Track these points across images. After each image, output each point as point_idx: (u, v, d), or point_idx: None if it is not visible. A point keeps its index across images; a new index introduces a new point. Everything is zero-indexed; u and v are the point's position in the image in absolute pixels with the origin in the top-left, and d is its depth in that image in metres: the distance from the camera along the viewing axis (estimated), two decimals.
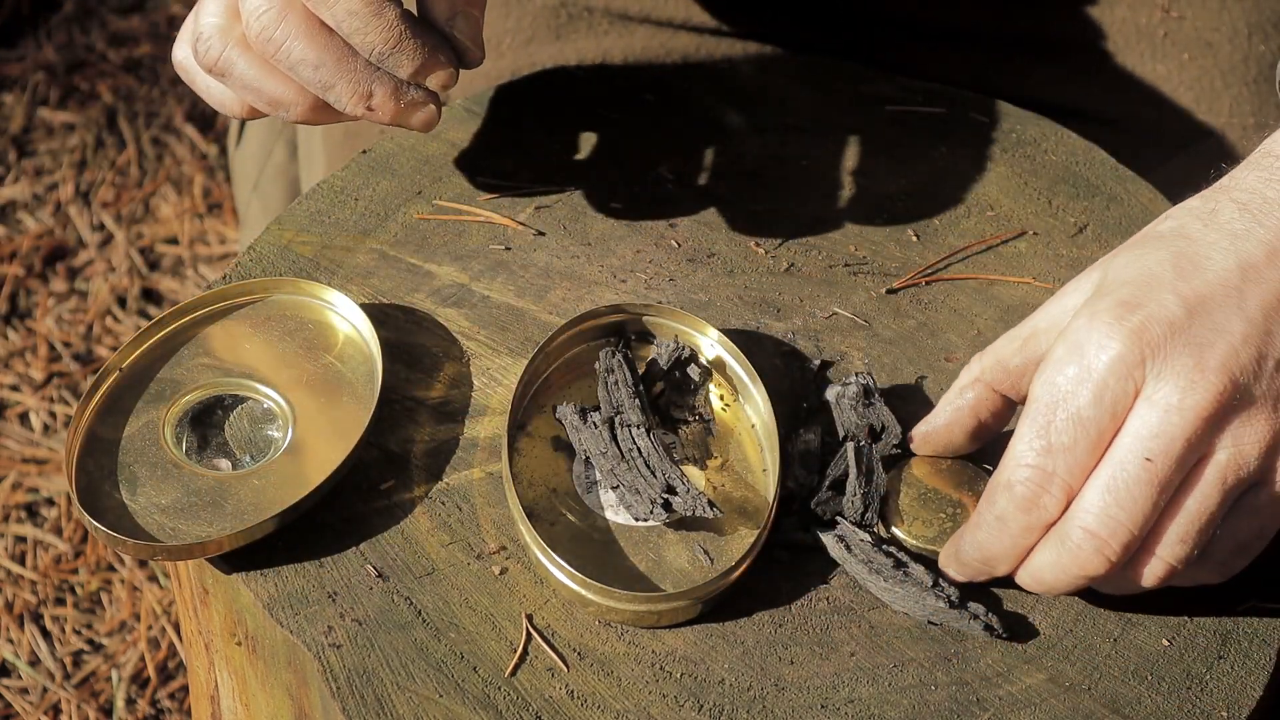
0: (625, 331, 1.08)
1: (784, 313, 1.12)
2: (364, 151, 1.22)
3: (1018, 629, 0.98)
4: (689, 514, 0.98)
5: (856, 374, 1.05)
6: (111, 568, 1.97)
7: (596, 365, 1.04)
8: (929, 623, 0.97)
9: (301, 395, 1.06)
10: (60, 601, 1.95)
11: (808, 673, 0.96)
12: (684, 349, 1.05)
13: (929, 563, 0.99)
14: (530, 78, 1.29)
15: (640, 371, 1.05)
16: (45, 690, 1.86)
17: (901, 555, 0.99)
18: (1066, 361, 0.91)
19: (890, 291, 1.14)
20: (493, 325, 1.11)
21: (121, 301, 2.24)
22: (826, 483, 1.01)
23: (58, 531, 2.00)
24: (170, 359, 1.07)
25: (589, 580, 0.96)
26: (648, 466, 0.99)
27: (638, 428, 1.01)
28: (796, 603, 0.99)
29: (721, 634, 0.97)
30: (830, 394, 1.05)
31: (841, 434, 1.03)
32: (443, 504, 1.02)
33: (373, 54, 1.02)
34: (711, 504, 0.98)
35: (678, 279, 1.14)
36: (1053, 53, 1.37)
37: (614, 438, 1.01)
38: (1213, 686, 0.96)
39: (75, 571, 1.97)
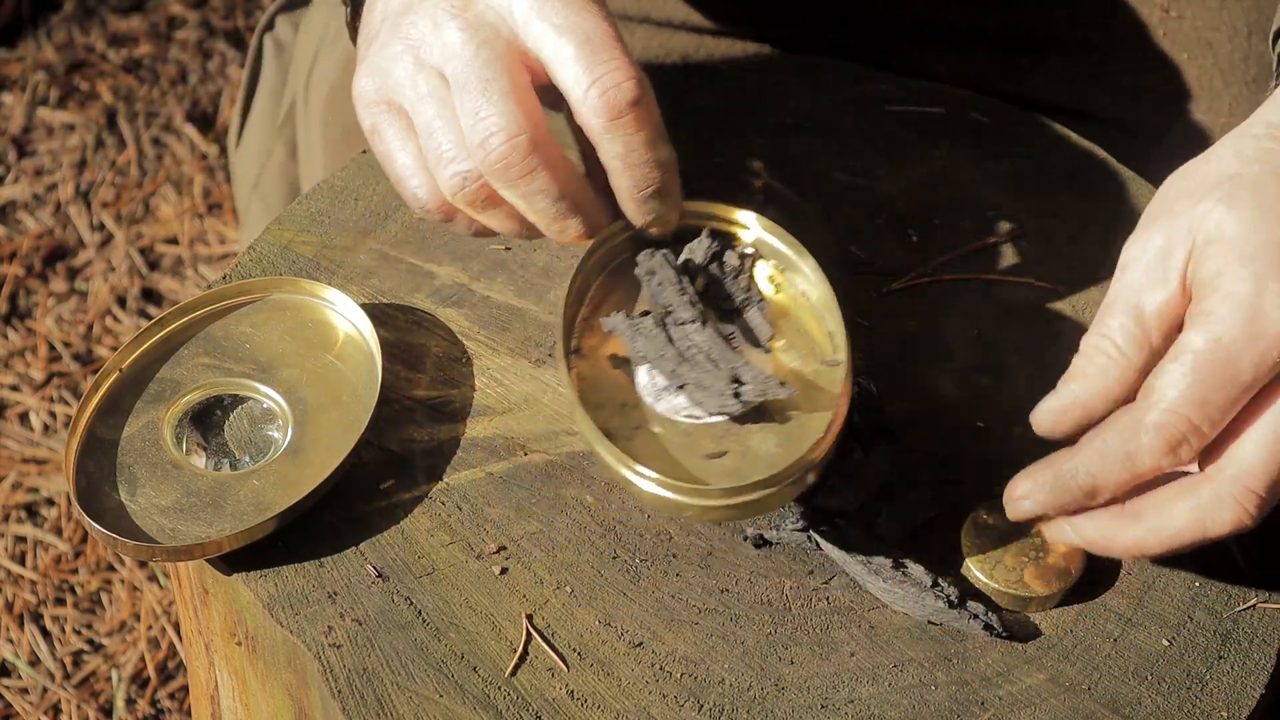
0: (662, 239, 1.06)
1: None
2: (364, 151, 1.22)
3: (1018, 629, 0.98)
4: (761, 399, 0.96)
5: (860, 377, 1.04)
6: (111, 568, 1.97)
7: (636, 270, 1.02)
8: (929, 623, 0.97)
9: (301, 395, 1.06)
10: (60, 601, 1.95)
11: (808, 673, 0.96)
12: (715, 241, 1.03)
13: (928, 562, 0.99)
14: None
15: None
16: (45, 690, 1.86)
17: (900, 555, 0.99)
18: (1232, 320, 0.90)
19: (890, 291, 1.14)
20: (493, 325, 1.11)
21: (121, 301, 2.24)
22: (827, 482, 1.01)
23: (58, 531, 2.00)
24: (170, 359, 1.07)
25: (682, 484, 0.94)
26: (710, 360, 0.98)
27: (691, 323, 0.99)
28: (796, 603, 0.99)
29: (721, 634, 0.97)
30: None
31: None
32: (443, 504, 1.02)
33: (643, 191, 0.98)
34: (782, 383, 0.96)
35: None
36: (1053, 53, 1.37)
37: (669, 338, 0.99)
38: (1213, 686, 0.96)
39: (75, 571, 1.97)
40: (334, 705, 0.94)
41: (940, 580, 0.98)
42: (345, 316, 1.09)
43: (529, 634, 0.97)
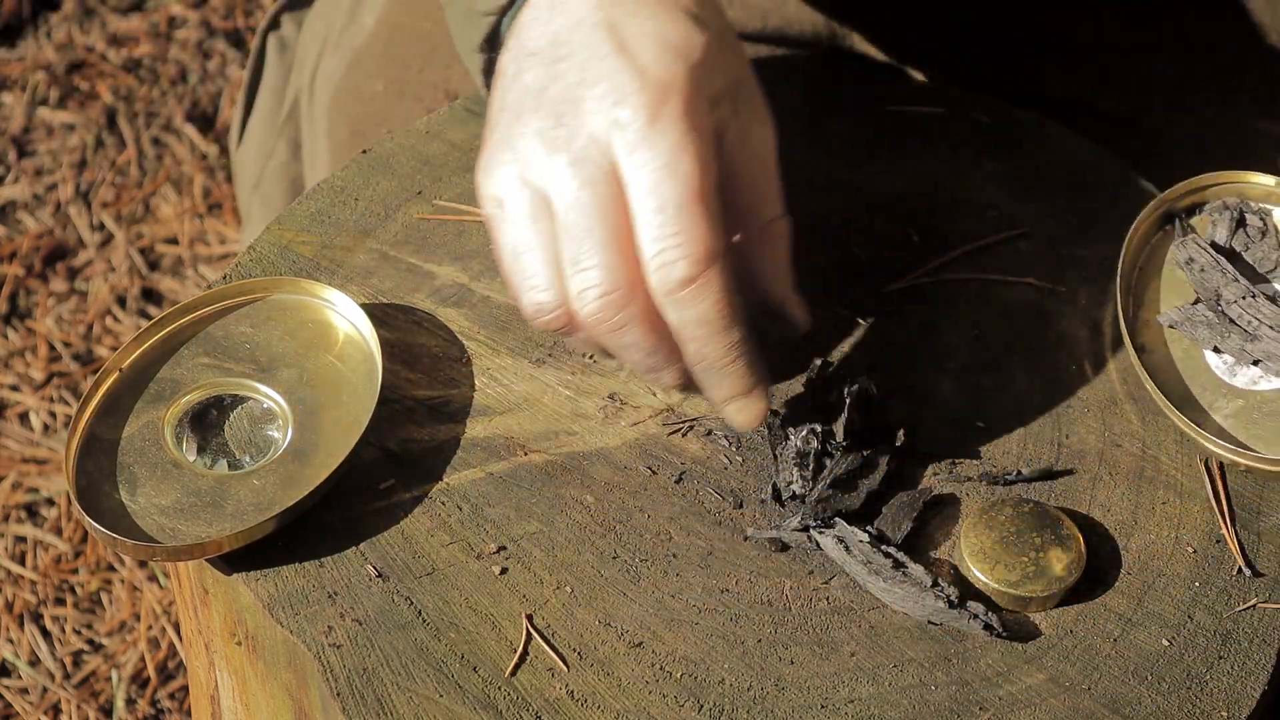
0: (1174, 213, 1.09)
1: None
2: (364, 151, 1.22)
3: (1018, 629, 0.98)
4: None
5: (859, 377, 1.05)
6: (111, 568, 1.97)
7: (1175, 261, 1.06)
8: (929, 623, 0.97)
9: (301, 395, 1.06)
10: (60, 601, 1.95)
11: (808, 673, 0.96)
12: (1233, 212, 1.06)
13: (928, 562, 0.99)
14: None
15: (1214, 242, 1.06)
16: (45, 690, 1.86)
17: (900, 555, 0.99)
18: None
19: (890, 291, 1.14)
20: (493, 325, 1.11)
21: (121, 301, 2.24)
22: (826, 482, 1.01)
23: (58, 531, 2.00)
24: (170, 359, 1.07)
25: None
26: (1274, 329, 1.02)
27: (1244, 299, 1.03)
28: (796, 603, 0.99)
29: (721, 634, 0.97)
30: (833, 395, 1.05)
31: (843, 435, 1.03)
32: (443, 504, 1.02)
33: (700, 365, 0.97)
34: None
35: None
36: (1054, 52, 1.37)
37: (1230, 319, 1.03)
38: (1213, 686, 0.96)
39: (75, 571, 1.97)
40: (334, 705, 0.94)
41: (940, 580, 0.98)
42: (345, 316, 1.09)
43: (529, 634, 0.97)
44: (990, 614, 0.97)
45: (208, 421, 1.05)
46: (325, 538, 1.01)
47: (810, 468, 1.02)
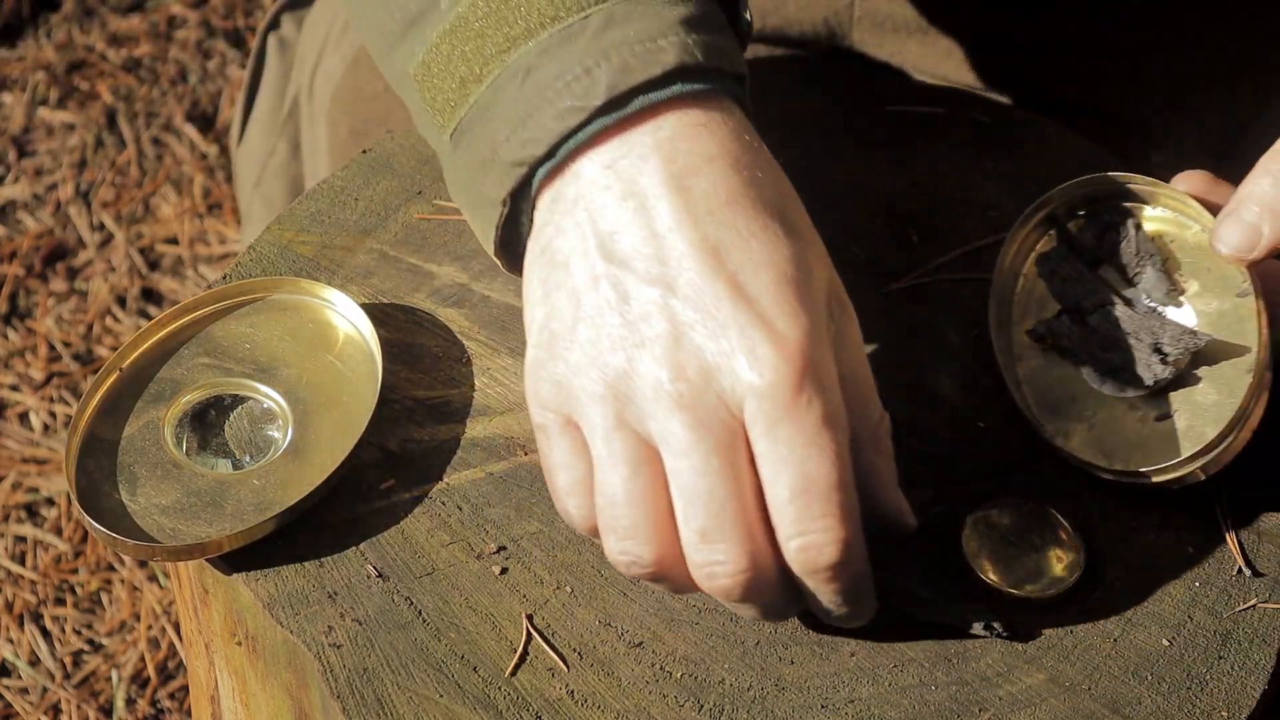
0: (1056, 219, 1.08)
1: None
2: (365, 151, 1.22)
3: (1017, 629, 0.98)
4: (1188, 353, 0.99)
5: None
6: (111, 568, 1.97)
7: (1040, 273, 1.07)
8: (929, 622, 0.97)
9: (301, 395, 1.06)
10: (60, 601, 1.95)
11: (808, 673, 0.96)
12: (1096, 218, 1.06)
13: (925, 564, 0.99)
14: None
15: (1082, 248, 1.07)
16: (45, 690, 1.86)
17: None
18: None
19: (890, 291, 1.14)
20: (493, 325, 1.11)
21: (121, 301, 2.24)
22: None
23: (58, 531, 2.00)
24: (170, 359, 1.08)
25: (1153, 468, 0.99)
26: (1130, 336, 1.01)
27: (1100, 308, 1.03)
28: None
29: (721, 634, 0.97)
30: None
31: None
32: (443, 504, 1.02)
33: (830, 617, 0.93)
34: (1194, 332, 0.99)
35: None
36: (1055, 52, 1.37)
37: (1090, 329, 1.03)
38: (1213, 686, 0.96)
39: (75, 571, 1.97)
40: (334, 705, 0.94)
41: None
42: (345, 316, 1.09)
43: (529, 634, 0.97)
44: (989, 617, 0.97)
45: (208, 421, 1.05)
46: (325, 538, 1.01)
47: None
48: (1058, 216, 1.08)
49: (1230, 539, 1.01)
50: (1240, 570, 1.00)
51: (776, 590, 0.91)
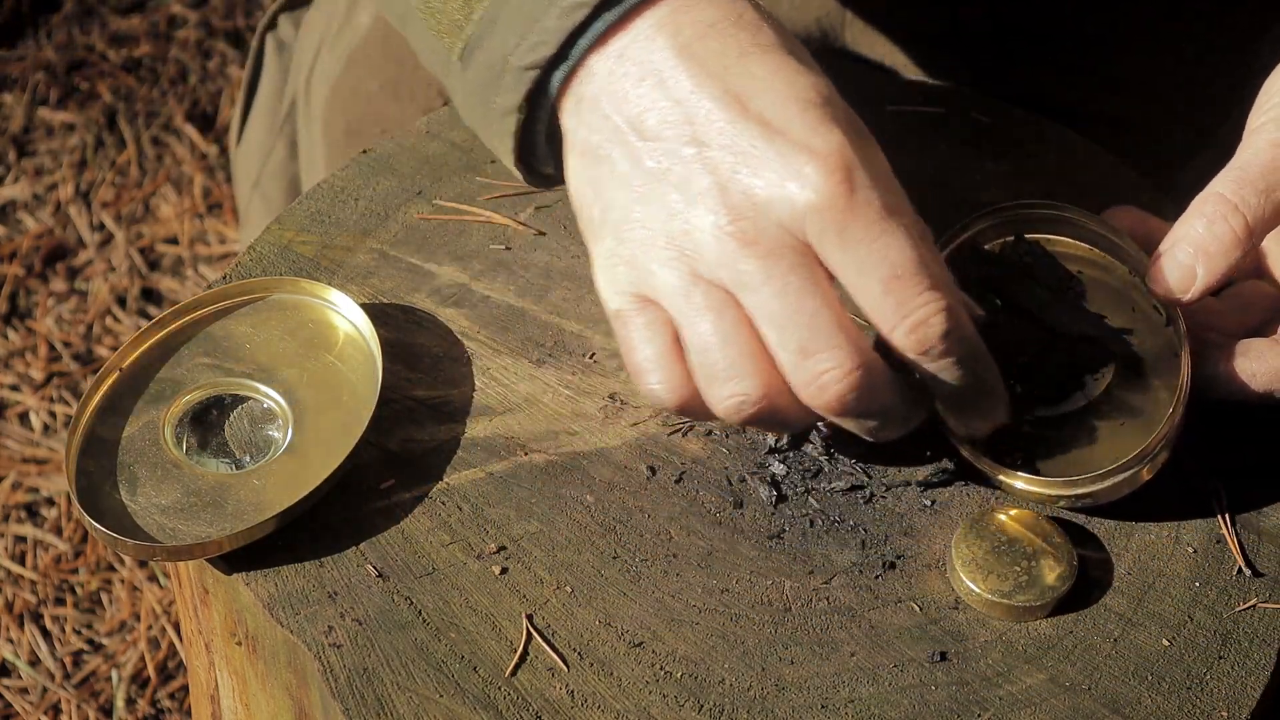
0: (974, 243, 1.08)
1: None
2: (364, 151, 1.22)
3: (1017, 628, 0.98)
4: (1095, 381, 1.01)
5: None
6: (111, 568, 1.97)
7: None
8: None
9: (301, 395, 1.06)
10: (60, 601, 1.95)
11: (808, 673, 0.96)
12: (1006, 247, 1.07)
13: (922, 568, 0.99)
14: None
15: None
16: (45, 690, 1.86)
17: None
18: None
19: None
20: (493, 325, 1.11)
21: (121, 301, 2.24)
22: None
23: (58, 531, 2.00)
24: (170, 359, 1.08)
25: (1051, 480, 0.99)
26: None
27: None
28: (796, 603, 0.99)
29: (721, 634, 0.97)
30: None
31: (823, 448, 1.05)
32: (443, 504, 1.02)
33: (972, 394, 0.96)
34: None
35: None
36: (1054, 52, 1.37)
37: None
38: (1213, 686, 0.96)
39: (75, 571, 1.97)
40: (334, 705, 0.94)
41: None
42: (345, 316, 1.09)
43: (529, 634, 0.97)
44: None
45: (208, 421, 1.05)
46: (325, 538, 1.01)
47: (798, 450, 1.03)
48: (975, 242, 1.08)
49: (1230, 539, 1.01)
50: (1240, 570, 1.00)
51: (892, 389, 0.92)
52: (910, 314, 0.90)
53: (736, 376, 0.92)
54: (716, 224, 0.91)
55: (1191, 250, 0.98)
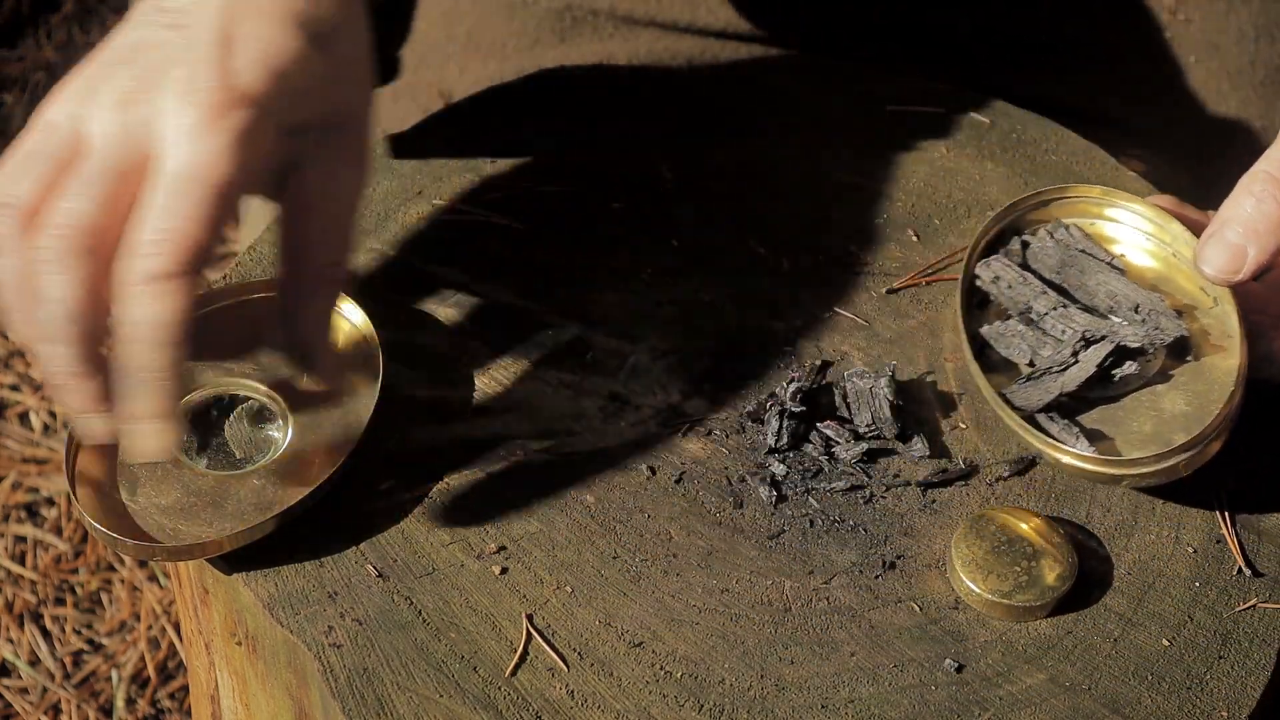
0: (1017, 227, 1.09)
1: (784, 313, 1.12)
2: None
3: (1017, 628, 0.98)
4: (1152, 343, 1.01)
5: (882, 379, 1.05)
6: (111, 568, 1.97)
7: (979, 283, 1.07)
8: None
9: (301, 395, 1.05)
10: (60, 601, 1.95)
11: (808, 673, 0.96)
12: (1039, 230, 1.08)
13: (920, 567, 0.99)
14: (530, 78, 1.29)
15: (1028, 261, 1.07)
16: (45, 690, 1.86)
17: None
18: None
19: (890, 291, 1.14)
20: (493, 325, 1.11)
21: None
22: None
23: (58, 531, 2.00)
24: None
25: (1111, 459, 0.98)
26: (1083, 338, 1.02)
27: (1053, 310, 1.04)
28: (796, 603, 0.99)
29: (721, 634, 0.97)
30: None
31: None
32: (443, 504, 1.02)
33: (133, 371, 0.92)
34: (1179, 314, 1.01)
35: (678, 279, 1.14)
36: (1055, 53, 1.37)
37: (1043, 331, 1.04)
38: (1213, 686, 0.96)
39: (75, 571, 1.97)
40: (334, 705, 0.94)
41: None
42: (345, 316, 1.09)
43: (529, 634, 0.97)
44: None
45: (208, 421, 1.05)
46: (325, 538, 1.01)
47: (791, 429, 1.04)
48: (1019, 226, 1.08)
49: (1230, 539, 1.01)
50: (1240, 570, 1.00)
51: (85, 284, 0.91)
52: (154, 239, 0.91)
53: (9, 181, 0.92)
54: (125, 86, 0.93)
55: (1241, 230, 0.98)
